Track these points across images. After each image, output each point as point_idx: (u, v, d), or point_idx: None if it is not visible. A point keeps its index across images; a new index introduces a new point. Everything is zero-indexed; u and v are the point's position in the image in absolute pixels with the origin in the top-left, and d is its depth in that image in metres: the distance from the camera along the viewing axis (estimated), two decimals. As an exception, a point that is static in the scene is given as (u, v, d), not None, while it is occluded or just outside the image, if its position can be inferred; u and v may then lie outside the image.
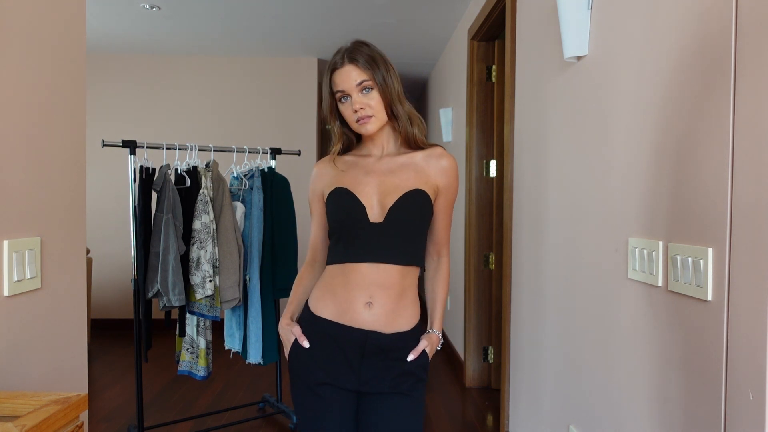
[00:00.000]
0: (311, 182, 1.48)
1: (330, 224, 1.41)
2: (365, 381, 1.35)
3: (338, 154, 1.45)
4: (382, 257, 1.33)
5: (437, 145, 1.43)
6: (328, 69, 1.38)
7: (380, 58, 1.36)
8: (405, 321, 1.36)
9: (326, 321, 1.36)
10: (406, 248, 1.36)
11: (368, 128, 1.36)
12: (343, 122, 1.41)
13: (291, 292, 1.49)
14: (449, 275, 1.49)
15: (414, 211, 1.35)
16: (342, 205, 1.37)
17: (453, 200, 1.44)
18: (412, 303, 1.38)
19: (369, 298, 1.32)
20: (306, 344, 1.37)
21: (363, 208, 1.35)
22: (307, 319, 1.40)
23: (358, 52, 1.34)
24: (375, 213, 1.34)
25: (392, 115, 1.38)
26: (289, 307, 1.47)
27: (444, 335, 4.52)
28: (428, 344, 1.40)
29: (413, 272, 1.38)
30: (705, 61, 1.12)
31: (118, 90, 5.02)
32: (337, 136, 1.44)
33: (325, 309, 1.37)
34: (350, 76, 1.33)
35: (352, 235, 1.36)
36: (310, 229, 1.54)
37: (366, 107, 1.34)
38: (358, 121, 1.35)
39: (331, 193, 1.39)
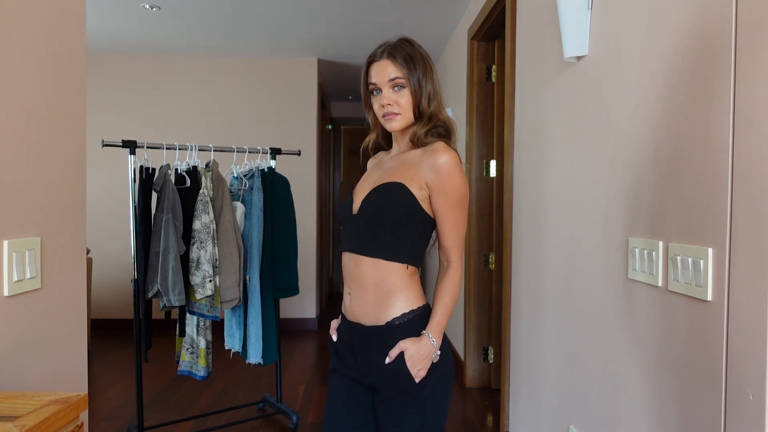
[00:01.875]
0: None
1: None
2: (363, 373, 1.36)
3: (380, 145, 1.51)
4: (355, 248, 1.35)
5: (440, 141, 1.35)
6: (367, 60, 1.39)
7: (420, 59, 1.35)
8: (383, 315, 1.31)
9: (341, 311, 1.46)
10: (378, 241, 1.31)
11: (393, 125, 1.37)
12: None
13: None
14: (458, 282, 1.36)
15: (384, 202, 1.31)
16: (345, 203, 1.46)
17: (454, 202, 1.32)
18: (394, 299, 1.31)
19: (348, 288, 1.38)
20: (335, 337, 1.44)
21: (352, 202, 1.41)
22: None
23: (399, 50, 1.35)
24: (356, 206, 1.39)
25: (421, 115, 1.37)
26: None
27: (445, 338, 4.49)
28: (409, 348, 1.28)
29: (392, 267, 1.31)
30: (705, 60, 1.12)
31: (118, 90, 5.02)
32: (372, 125, 1.48)
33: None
34: (384, 71, 1.34)
35: (343, 226, 1.43)
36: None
37: (394, 104, 1.34)
38: (384, 116, 1.36)
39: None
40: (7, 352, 1.10)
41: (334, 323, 1.46)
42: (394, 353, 1.29)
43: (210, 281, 2.57)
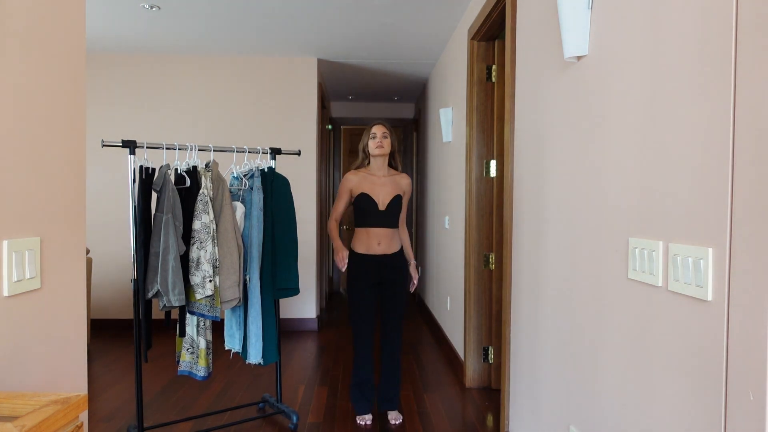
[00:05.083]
0: (346, 181, 2.98)
1: (357, 209, 2.96)
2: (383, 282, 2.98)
3: (357, 168, 3.02)
4: (386, 224, 2.95)
5: (403, 172, 3.11)
6: (370, 126, 3.01)
7: (391, 132, 3.02)
8: (394, 249, 3.00)
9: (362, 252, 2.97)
10: (394, 221, 2.98)
11: (380, 151, 2.97)
12: (365, 150, 3.01)
13: (335, 237, 2.95)
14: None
15: (396, 205, 2.97)
16: (365, 201, 2.93)
17: (408, 199, 3.08)
18: (397, 243, 3.01)
19: (378, 240, 2.93)
20: (343, 269, 2.86)
21: (375, 203, 2.93)
22: (351, 256, 2.95)
23: (386, 125, 3.00)
24: (382, 205, 2.95)
25: (390, 154, 3.02)
26: (338, 242, 2.89)
27: (444, 335, 4.54)
28: None
29: (397, 231, 3.03)
30: (705, 60, 1.12)
31: (118, 90, 5.02)
32: (360, 157, 3.04)
33: (361, 247, 2.96)
34: (381, 129, 2.97)
35: (369, 214, 2.93)
36: (336, 203, 3.00)
37: (384, 143, 2.97)
38: (376, 147, 2.94)
39: (359, 195, 2.93)
40: (7, 353, 1.10)
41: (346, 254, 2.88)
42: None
43: (210, 281, 2.57)
